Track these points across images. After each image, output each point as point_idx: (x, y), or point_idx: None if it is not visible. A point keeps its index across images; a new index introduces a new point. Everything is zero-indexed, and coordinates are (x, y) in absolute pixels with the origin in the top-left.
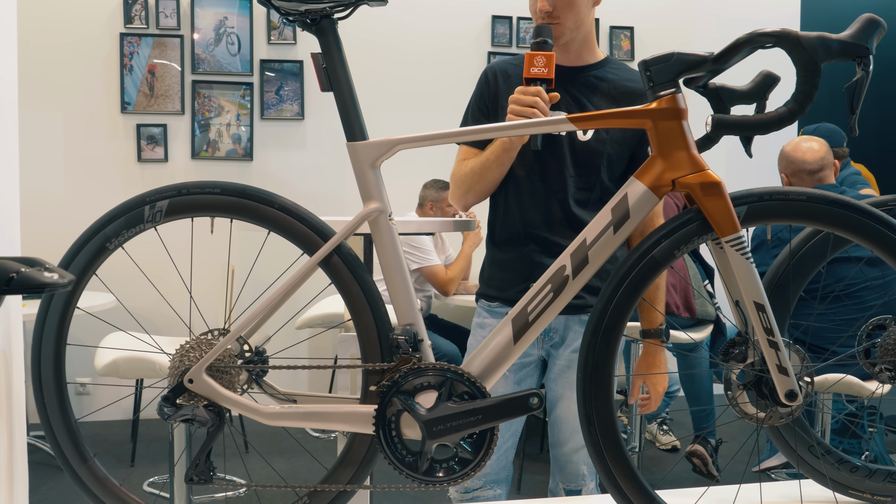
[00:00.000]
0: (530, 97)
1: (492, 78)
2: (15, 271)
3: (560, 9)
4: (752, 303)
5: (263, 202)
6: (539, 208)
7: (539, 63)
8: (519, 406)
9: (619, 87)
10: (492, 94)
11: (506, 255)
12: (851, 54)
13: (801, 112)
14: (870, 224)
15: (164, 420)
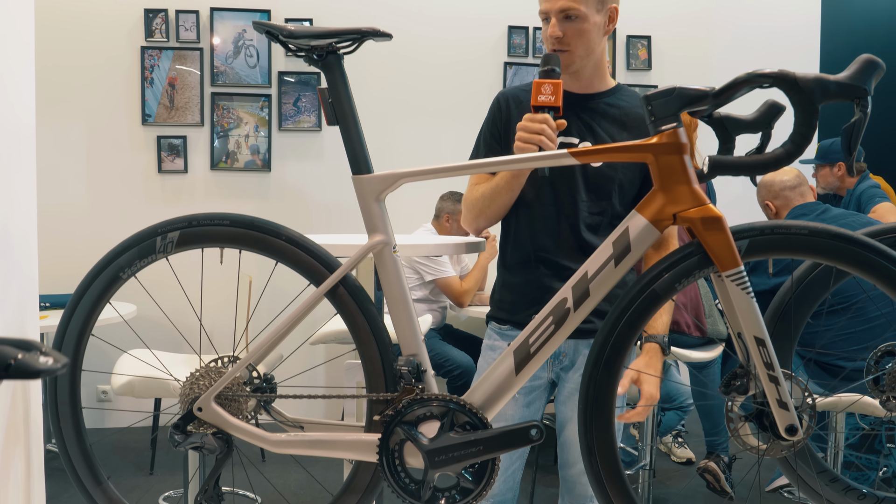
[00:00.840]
0: (538, 125)
1: (504, 104)
2: (13, 357)
3: (570, 36)
4: (752, 337)
5: (271, 234)
6: (550, 233)
7: (546, 91)
8: (519, 438)
9: (630, 114)
10: (504, 120)
11: (516, 279)
12: (850, 95)
13: (798, 153)
14: (872, 258)
15: (174, 447)
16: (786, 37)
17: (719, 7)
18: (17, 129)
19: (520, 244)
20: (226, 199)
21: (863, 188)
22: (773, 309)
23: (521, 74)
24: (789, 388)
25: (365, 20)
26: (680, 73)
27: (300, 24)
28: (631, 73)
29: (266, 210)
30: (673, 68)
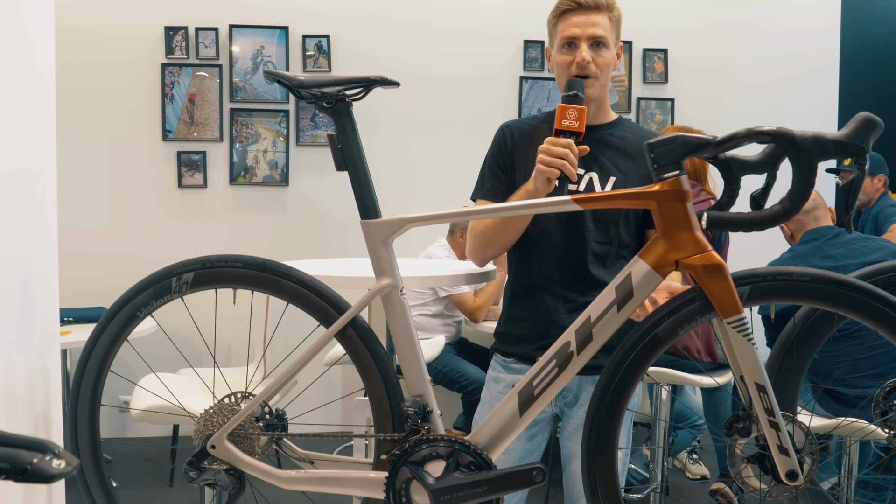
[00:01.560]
0: (561, 149)
1: (508, 135)
2: (28, 462)
3: (596, 64)
4: (753, 383)
5: (282, 276)
6: (556, 264)
7: (571, 116)
8: (522, 479)
9: (633, 144)
10: (508, 150)
11: (521, 312)
12: (847, 153)
13: (795, 210)
14: (874, 304)
15: (188, 483)
16: (805, 49)
17: (736, 19)
18: (37, 175)
19: (525, 276)
20: (244, 213)
21: (881, 206)
22: (778, 345)
23: (537, 89)
24: (792, 430)
25: (381, 36)
26: (697, 85)
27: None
28: (647, 86)
29: (284, 224)
30: (690, 80)
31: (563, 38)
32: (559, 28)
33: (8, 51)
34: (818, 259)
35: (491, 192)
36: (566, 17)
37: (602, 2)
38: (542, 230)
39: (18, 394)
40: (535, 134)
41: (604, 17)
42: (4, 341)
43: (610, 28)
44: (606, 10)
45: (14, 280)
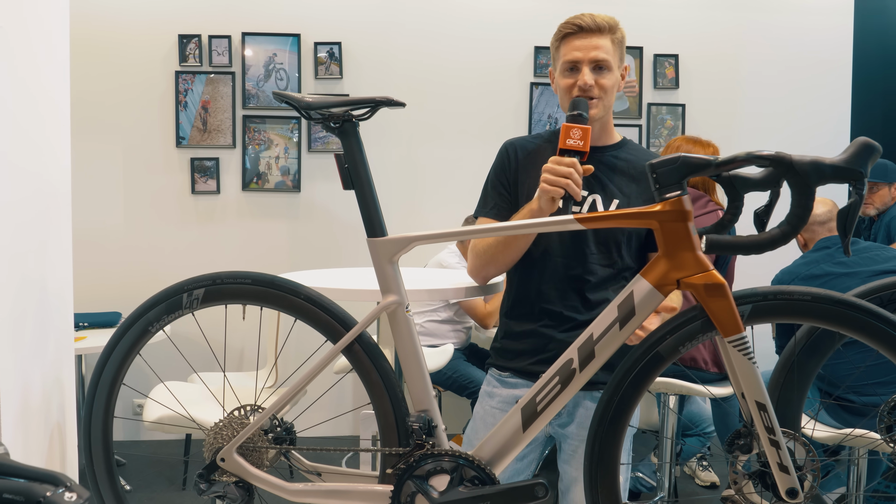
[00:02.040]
0: (565, 168)
1: (511, 153)
2: (42, 496)
3: (599, 87)
4: (753, 402)
5: (290, 292)
6: (557, 284)
7: (575, 135)
8: (525, 494)
9: (637, 167)
10: (512, 168)
11: (520, 329)
12: (845, 178)
13: (794, 234)
14: (875, 324)
15: (198, 495)
16: (817, 53)
17: (748, 24)
18: (53, 197)
19: (525, 294)
20: (257, 219)
21: (892, 215)
22: (782, 361)
23: (548, 95)
24: (793, 446)
25: (392, 44)
26: (708, 91)
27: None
28: (658, 91)
29: (296, 229)
30: (701, 86)
31: (565, 62)
32: (561, 52)
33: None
34: (830, 265)
35: (494, 209)
36: (568, 40)
37: (604, 24)
38: (544, 250)
39: (34, 406)
40: (539, 153)
41: (606, 40)
42: (21, 356)
43: (612, 50)
44: (609, 33)
45: (30, 297)
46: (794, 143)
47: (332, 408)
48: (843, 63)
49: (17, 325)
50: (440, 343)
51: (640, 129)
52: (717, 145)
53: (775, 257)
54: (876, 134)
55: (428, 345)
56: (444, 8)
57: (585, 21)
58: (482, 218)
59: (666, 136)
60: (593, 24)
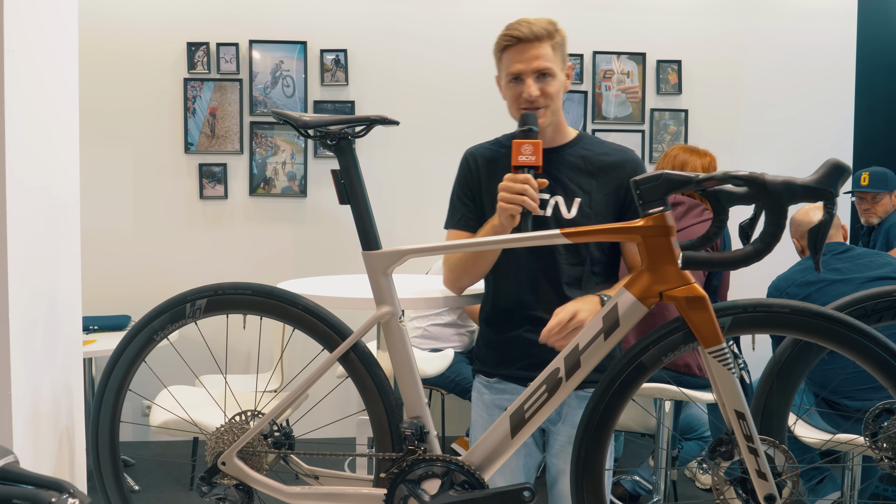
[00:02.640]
0: (520, 185)
1: (472, 164)
2: (48, 501)
3: (545, 95)
4: (732, 411)
5: (289, 303)
6: (531, 289)
7: (526, 151)
8: (513, 498)
9: (594, 163)
10: (474, 179)
11: (500, 337)
12: (816, 198)
13: (767, 251)
14: (851, 336)
15: (200, 497)
16: (820, 58)
17: (751, 29)
18: (63, 208)
19: (501, 301)
20: (264, 223)
21: (892, 222)
22: (767, 370)
23: None
24: (773, 453)
25: (396, 51)
26: (711, 96)
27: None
28: (661, 97)
29: (302, 234)
30: (703, 91)
31: (509, 74)
32: (504, 63)
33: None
34: (825, 272)
35: (462, 221)
36: (508, 52)
37: (542, 32)
38: (515, 258)
39: (44, 411)
40: (501, 161)
41: (546, 47)
42: (32, 363)
43: (553, 56)
44: (548, 39)
45: (40, 307)
46: (797, 149)
47: (337, 411)
48: (846, 68)
49: (28, 334)
50: (443, 346)
51: (642, 134)
52: (714, 154)
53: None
54: (879, 139)
55: (431, 348)
56: (448, 16)
57: (523, 31)
58: (452, 230)
59: (669, 141)
60: (531, 33)
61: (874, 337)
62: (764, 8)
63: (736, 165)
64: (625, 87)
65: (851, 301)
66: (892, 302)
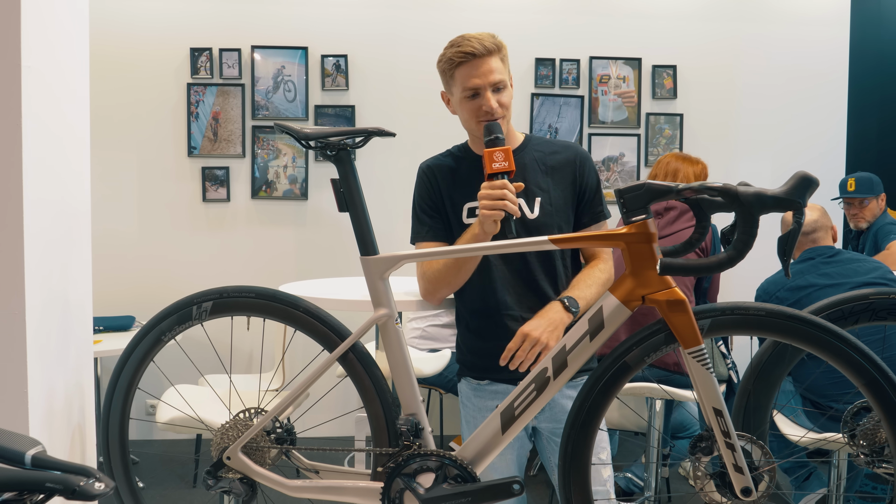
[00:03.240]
0: (498, 191)
1: (430, 176)
2: (77, 485)
3: (502, 105)
4: (711, 408)
5: (290, 305)
6: (509, 289)
7: (499, 158)
8: (503, 491)
9: (547, 162)
10: (436, 191)
11: (485, 342)
12: (786, 208)
13: (739, 258)
14: (823, 337)
15: (206, 490)
16: (813, 63)
17: (745, 36)
18: (75, 217)
19: (482, 307)
20: (265, 226)
21: (880, 224)
22: (749, 369)
23: (548, 105)
24: (751, 449)
25: (396, 56)
26: (705, 101)
27: (306, 125)
28: (656, 101)
29: (303, 236)
30: (698, 96)
31: (466, 89)
32: (457, 78)
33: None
34: (814, 276)
35: (431, 232)
36: (462, 68)
37: (492, 46)
38: (485, 264)
39: (58, 409)
40: (457, 169)
41: (496, 60)
42: (46, 364)
43: (503, 68)
44: (497, 52)
45: (54, 311)
46: (791, 154)
47: (339, 409)
48: (839, 74)
49: (43, 336)
50: (441, 347)
51: (638, 138)
52: (705, 162)
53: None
54: (871, 144)
55: (429, 349)
56: (446, 22)
57: (475, 47)
58: (421, 243)
59: (664, 144)
60: (483, 48)
61: (845, 338)
62: (758, 14)
63: (731, 170)
64: (621, 92)
65: (829, 304)
66: (868, 304)
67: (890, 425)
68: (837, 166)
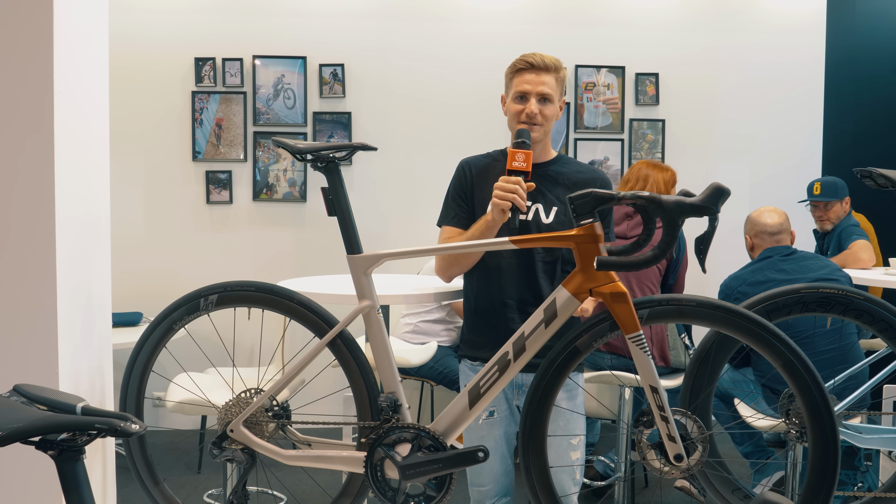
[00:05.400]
0: (512, 185)
1: (467, 171)
2: (118, 426)
3: (543, 116)
4: (648, 386)
5: (286, 298)
6: (513, 281)
7: (519, 159)
8: (469, 458)
9: (571, 178)
10: (468, 184)
11: (485, 323)
12: (702, 213)
13: (662, 256)
14: (745, 325)
15: (212, 459)
16: (790, 72)
17: (724, 46)
18: (97, 219)
19: (486, 291)
20: (266, 226)
21: (844, 225)
22: (695, 355)
23: None
24: (689, 425)
25: (391, 65)
26: (686, 108)
27: (299, 139)
28: (639, 108)
29: (302, 236)
30: (679, 103)
31: (517, 92)
32: (514, 82)
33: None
34: (772, 272)
35: (455, 219)
36: (521, 74)
37: (551, 64)
38: (498, 254)
39: (83, 388)
40: (490, 170)
41: (551, 77)
42: (74, 346)
43: (555, 86)
44: (554, 72)
45: (80, 300)
46: (770, 160)
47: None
48: (815, 83)
49: (71, 322)
50: (432, 341)
51: (622, 143)
52: (675, 169)
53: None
54: (847, 151)
55: (421, 343)
56: (439, 32)
57: (536, 60)
58: (445, 226)
59: (647, 149)
60: (542, 63)
61: (763, 325)
62: (737, 24)
63: (711, 174)
64: (605, 99)
65: (765, 297)
66: (799, 297)
67: (803, 400)
68: (814, 172)
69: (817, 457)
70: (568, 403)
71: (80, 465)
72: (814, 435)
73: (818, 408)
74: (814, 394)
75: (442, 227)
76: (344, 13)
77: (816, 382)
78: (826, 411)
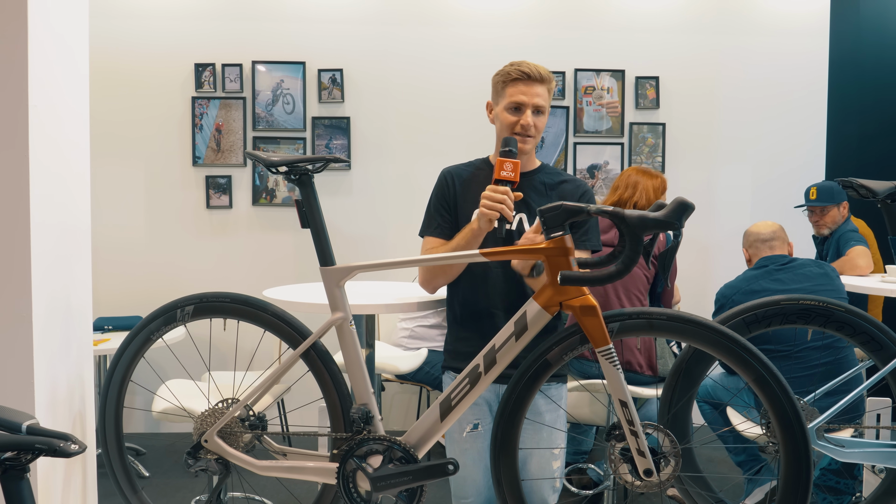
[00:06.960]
0: (500, 195)
1: (450, 181)
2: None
3: (535, 127)
4: (617, 400)
5: (260, 309)
6: (498, 291)
7: (507, 168)
8: (439, 470)
9: (555, 188)
10: (451, 195)
11: (470, 333)
12: (665, 229)
13: (626, 271)
14: (715, 338)
15: (186, 469)
16: (793, 75)
17: (725, 48)
18: (76, 226)
19: (471, 301)
20: (266, 231)
21: (842, 231)
22: (674, 368)
23: None
24: (661, 440)
25: (390, 70)
26: (687, 112)
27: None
28: (639, 111)
29: (300, 240)
30: (680, 107)
31: (511, 102)
32: (507, 92)
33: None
34: (767, 281)
35: (437, 229)
36: (515, 84)
37: (546, 76)
38: (484, 264)
39: (61, 398)
40: (473, 179)
41: (544, 89)
42: (49, 355)
43: (547, 97)
44: (547, 83)
45: (58, 308)
46: (772, 163)
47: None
48: (819, 85)
49: (48, 331)
50: (429, 346)
51: (622, 146)
52: (665, 176)
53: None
54: (850, 154)
55: (417, 347)
56: (437, 38)
57: (532, 71)
58: (428, 237)
59: (647, 153)
60: (537, 74)
61: (733, 338)
62: (738, 26)
63: (712, 178)
64: (605, 103)
65: (744, 308)
66: (779, 309)
67: (774, 415)
68: (817, 176)
69: (790, 471)
70: (550, 416)
71: (25, 483)
72: (786, 450)
73: (790, 423)
74: (785, 408)
75: (424, 238)
76: (343, 18)
77: (788, 397)
78: (798, 426)
